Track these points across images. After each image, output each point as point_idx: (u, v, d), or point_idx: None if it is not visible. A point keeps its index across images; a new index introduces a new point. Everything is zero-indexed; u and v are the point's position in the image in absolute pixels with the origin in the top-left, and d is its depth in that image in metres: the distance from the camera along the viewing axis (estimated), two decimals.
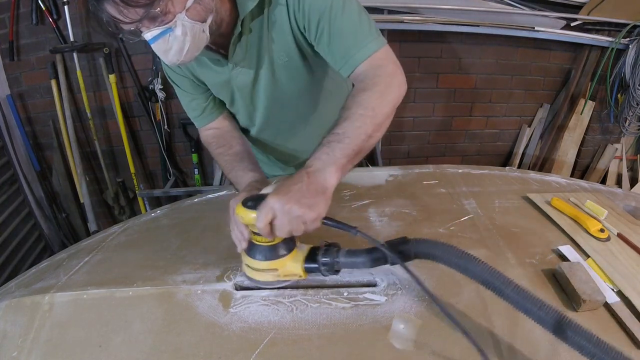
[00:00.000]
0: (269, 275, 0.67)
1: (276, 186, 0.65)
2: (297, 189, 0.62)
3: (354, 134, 0.70)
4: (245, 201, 0.66)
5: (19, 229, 2.18)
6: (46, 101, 2.28)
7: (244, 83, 0.94)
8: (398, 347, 0.59)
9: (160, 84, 2.24)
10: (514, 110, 2.61)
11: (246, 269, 0.69)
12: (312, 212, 0.62)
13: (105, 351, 0.60)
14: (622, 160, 2.55)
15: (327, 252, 0.66)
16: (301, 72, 0.93)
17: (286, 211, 0.61)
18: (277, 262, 0.66)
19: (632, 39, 2.20)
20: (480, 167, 1.13)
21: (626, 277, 0.69)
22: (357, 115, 0.72)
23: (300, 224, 0.62)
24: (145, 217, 1.02)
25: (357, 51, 0.79)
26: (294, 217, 0.61)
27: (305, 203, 0.61)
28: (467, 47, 2.38)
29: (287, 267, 0.67)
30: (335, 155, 0.67)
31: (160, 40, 0.72)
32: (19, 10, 2.09)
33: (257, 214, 0.62)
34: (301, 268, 0.66)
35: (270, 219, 0.61)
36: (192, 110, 1.03)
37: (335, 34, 0.80)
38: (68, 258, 0.85)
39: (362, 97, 0.74)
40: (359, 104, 0.73)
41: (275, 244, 0.66)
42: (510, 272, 0.72)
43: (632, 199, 1.01)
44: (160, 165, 2.51)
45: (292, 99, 0.99)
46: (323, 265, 0.66)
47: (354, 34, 0.80)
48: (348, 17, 0.79)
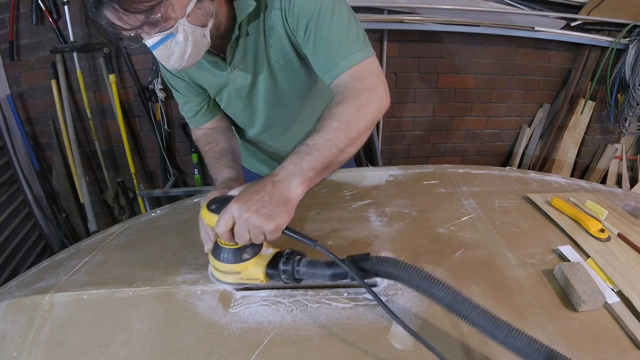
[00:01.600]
0: (232, 277, 0.68)
1: (240, 191, 0.65)
2: (259, 198, 0.62)
3: (325, 146, 0.68)
4: (210, 203, 0.67)
5: (19, 229, 2.18)
6: (46, 101, 2.28)
7: (241, 85, 0.94)
8: (398, 347, 0.59)
9: (160, 84, 2.24)
10: (514, 110, 2.61)
11: (212, 269, 0.71)
12: (270, 223, 0.61)
13: (105, 351, 0.60)
14: (622, 160, 2.55)
15: (288, 260, 0.65)
16: (299, 74, 0.93)
17: (244, 220, 0.60)
18: (239, 266, 0.67)
19: (632, 39, 2.20)
20: (480, 167, 1.13)
21: (626, 277, 0.69)
22: (330, 127, 0.70)
23: (259, 233, 0.62)
24: (145, 217, 1.02)
25: (340, 59, 0.78)
26: (252, 227, 0.61)
27: (264, 213, 0.61)
28: (467, 47, 2.38)
29: (249, 271, 0.67)
30: (303, 166, 0.66)
31: (161, 47, 0.72)
32: (19, 10, 2.09)
33: (218, 219, 0.62)
34: (262, 273, 0.66)
35: (230, 225, 0.62)
36: (186, 112, 1.04)
37: (321, 39, 0.78)
38: (68, 258, 0.85)
39: (337, 109, 0.72)
40: (334, 117, 0.71)
41: (239, 247, 0.66)
42: (510, 272, 0.72)
43: (632, 199, 1.01)
44: (160, 165, 2.51)
45: (290, 100, 1.00)
46: (283, 273, 0.65)
47: (339, 41, 0.78)
48: (336, 23, 0.78)
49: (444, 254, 0.77)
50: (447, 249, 0.79)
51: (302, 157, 0.67)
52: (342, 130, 0.70)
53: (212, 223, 0.64)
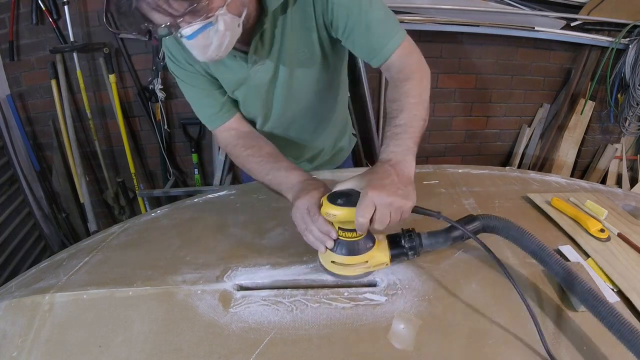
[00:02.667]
0: (360, 268, 0.69)
1: (366, 180, 0.66)
2: (391, 182, 0.65)
3: (414, 121, 0.76)
4: (331, 199, 0.66)
5: (19, 229, 2.18)
6: (46, 101, 2.28)
7: (262, 80, 0.93)
8: (398, 347, 0.59)
9: (160, 84, 2.24)
10: (514, 110, 2.61)
11: (332, 267, 0.70)
12: (409, 201, 0.65)
13: (105, 351, 0.60)
14: (622, 160, 2.55)
15: (411, 237, 0.70)
16: (319, 69, 0.94)
17: (388, 204, 0.63)
18: (367, 255, 0.69)
19: (632, 39, 2.20)
20: (480, 167, 1.13)
21: (626, 277, 0.69)
22: (410, 104, 0.77)
23: (399, 214, 0.65)
24: (145, 217, 1.02)
25: (387, 42, 0.85)
26: (394, 209, 0.64)
27: (402, 194, 0.64)
28: (467, 47, 2.38)
29: (376, 258, 0.69)
30: (408, 144, 0.73)
31: (200, 36, 0.71)
32: (19, 10, 2.09)
33: (359, 209, 0.62)
34: (388, 256, 0.70)
35: (372, 213, 0.63)
36: (209, 108, 0.98)
37: (366, 26, 0.83)
38: (68, 258, 0.85)
39: (407, 87, 0.80)
40: (408, 94, 0.79)
41: (362, 238, 0.68)
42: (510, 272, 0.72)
43: (632, 199, 1.01)
44: (160, 165, 2.51)
45: (307, 95, 1.00)
46: (409, 250, 0.69)
47: (383, 26, 0.85)
48: (376, 9, 0.84)
49: (444, 254, 0.77)
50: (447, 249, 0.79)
51: (402, 137, 0.73)
52: (419, 103, 0.79)
53: (346, 216, 0.64)
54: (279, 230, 0.87)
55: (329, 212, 0.65)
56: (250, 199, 1.03)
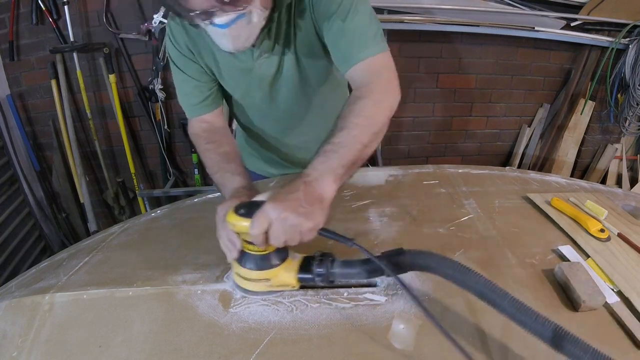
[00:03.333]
0: (261, 285, 0.66)
1: (271, 194, 0.64)
2: (294, 198, 0.61)
3: (350, 143, 0.69)
4: (237, 208, 0.64)
5: (19, 229, 2.18)
6: (46, 101, 2.28)
7: (266, 73, 0.94)
8: (398, 347, 0.59)
9: (160, 84, 2.24)
10: (514, 110, 2.61)
11: (237, 278, 0.68)
12: (308, 222, 0.60)
13: (105, 351, 0.60)
14: (622, 160, 2.55)
15: (322, 262, 0.64)
16: (321, 63, 0.95)
17: (282, 219, 0.59)
18: (269, 272, 0.65)
19: (632, 39, 2.20)
20: (480, 167, 1.13)
21: (626, 277, 0.69)
22: (353, 124, 0.71)
23: (296, 233, 0.61)
24: (145, 217, 1.02)
25: (359, 51, 0.81)
26: (289, 226, 0.60)
27: (302, 212, 0.60)
28: (467, 47, 2.38)
29: (280, 277, 0.66)
30: (332, 164, 0.66)
31: (234, 26, 0.73)
32: (19, 10, 2.09)
33: (252, 221, 0.60)
34: (294, 278, 0.65)
35: (265, 227, 0.60)
36: (193, 97, 0.98)
37: (343, 30, 0.81)
38: (68, 258, 0.85)
39: (358, 105, 0.74)
40: (356, 113, 0.73)
41: (267, 254, 0.65)
42: (510, 272, 0.72)
43: (632, 199, 1.01)
44: (160, 165, 2.51)
45: (308, 91, 1.01)
46: (317, 276, 0.64)
47: (359, 34, 0.81)
48: (359, 18, 0.81)
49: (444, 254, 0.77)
50: (447, 249, 0.79)
51: (329, 156, 0.68)
52: (364, 125, 0.72)
53: (243, 227, 0.61)
54: None
55: (229, 221, 0.63)
56: None
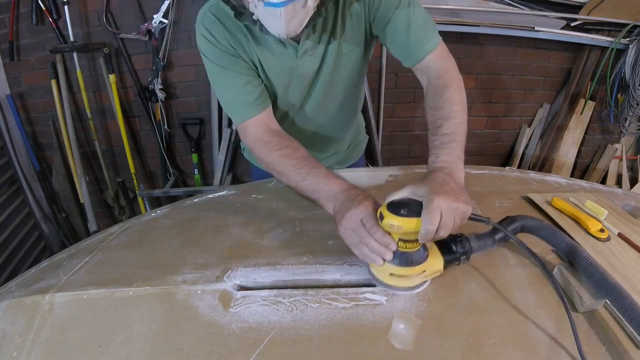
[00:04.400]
0: (418, 278, 0.67)
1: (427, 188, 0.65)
2: (452, 189, 0.65)
3: (460, 130, 0.77)
4: (392, 210, 0.63)
5: (19, 229, 2.18)
6: (46, 101, 2.28)
7: (308, 71, 0.94)
8: (398, 347, 0.59)
9: (160, 84, 2.24)
10: (514, 110, 2.61)
11: (390, 279, 0.67)
12: (470, 207, 0.65)
13: (105, 351, 0.60)
14: (622, 160, 2.55)
15: (462, 242, 0.70)
16: (359, 62, 0.97)
17: (453, 209, 0.63)
18: (426, 264, 0.67)
19: (632, 39, 2.20)
20: (480, 167, 1.13)
21: (626, 277, 0.69)
22: (454, 112, 0.79)
23: (462, 219, 0.65)
24: (145, 217, 1.02)
25: (425, 42, 0.87)
26: (459, 214, 0.64)
27: (463, 200, 0.65)
28: (467, 47, 2.38)
29: (432, 266, 0.68)
30: (457, 153, 0.74)
31: (290, 6, 0.72)
32: (19, 10, 2.09)
33: (427, 217, 0.61)
34: (442, 262, 0.69)
35: (439, 219, 0.62)
36: (245, 95, 0.91)
37: (407, 24, 0.86)
38: (68, 258, 0.85)
39: (448, 94, 0.81)
40: (451, 102, 0.80)
41: (419, 248, 0.67)
42: (510, 272, 0.72)
43: (632, 199, 1.01)
44: (160, 165, 2.51)
45: (345, 86, 1.03)
46: (462, 255, 0.70)
47: (423, 27, 0.87)
48: (418, 10, 0.87)
49: None
50: None
51: (451, 146, 0.74)
52: (462, 111, 0.80)
53: (413, 226, 0.62)
54: (279, 231, 0.87)
55: (393, 224, 0.62)
56: (250, 199, 1.03)
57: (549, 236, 0.72)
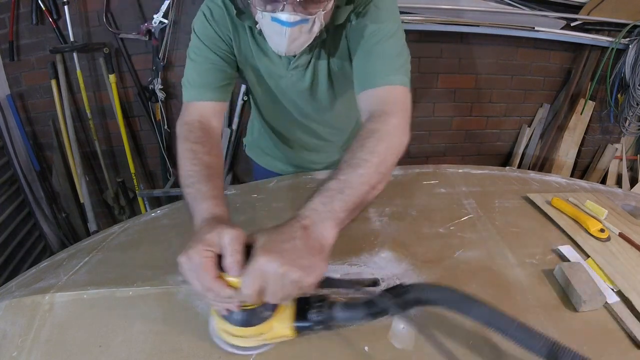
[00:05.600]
0: (253, 340, 0.58)
1: (263, 241, 0.53)
2: (292, 248, 0.52)
3: (357, 183, 0.62)
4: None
5: (19, 229, 2.17)
6: (46, 101, 2.28)
7: (296, 84, 0.96)
8: (398, 347, 0.59)
9: (160, 84, 2.24)
10: (514, 110, 2.61)
11: (224, 335, 0.59)
12: (310, 276, 0.52)
13: (105, 351, 0.60)
14: (622, 160, 2.55)
15: (320, 308, 0.57)
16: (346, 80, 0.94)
17: (280, 276, 0.50)
18: (262, 326, 0.57)
19: (632, 39, 2.20)
20: (480, 167, 1.13)
21: (626, 277, 0.69)
22: (363, 161, 0.64)
23: (296, 289, 0.52)
24: (145, 217, 1.02)
25: (382, 75, 0.79)
26: (289, 283, 0.51)
27: (302, 265, 0.51)
28: (467, 47, 2.37)
29: (275, 330, 0.57)
30: (334, 207, 0.58)
31: (296, 27, 0.73)
32: (19, 10, 2.09)
33: (244, 280, 0.51)
34: (290, 328, 0.58)
35: (260, 286, 0.51)
36: (214, 79, 0.87)
37: (373, 51, 0.81)
38: (68, 258, 0.85)
39: (371, 142, 0.67)
40: (367, 150, 0.66)
41: (255, 308, 0.56)
42: (510, 272, 0.72)
43: (632, 199, 1.01)
44: (160, 165, 2.51)
45: (340, 100, 1.03)
46: (317, 324, 0.57)
47: (388, 60, 0.81)
48: (393, 44, 0.82)
49: (444, 254, 0.77)
50: (447, 249, 0.79)
51: (333, 196, 0.59)
52: (374, 164, 0.65)
53: (234, 284, 0.52)
54: None
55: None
56: (250, 199, 1.03)
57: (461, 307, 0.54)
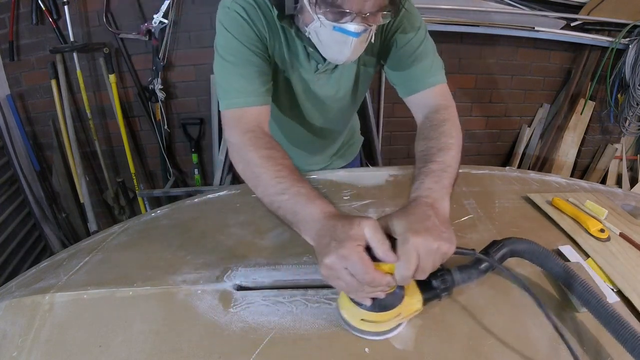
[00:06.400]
0: (394, 321, 0.60)
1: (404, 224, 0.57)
2: (432, 225, 0.57)
3: (453, 162, 0.73)
4: None
5: (19, 229, 2.18)
6: (46, 101, 2.28)
7: (321, 89, 0.97)
8: (398, 347, 0.59)
9: (160, 84, 2.24)
10: (514, 110, 2.61)
11: (362, 324, 0.60)
12: (453, 245, 0.57)
13: (105, 351, 0.60)
14: (622, 160, 2.55)
15: (443, 276, 0.62)
16: (370, 80, 1.00)
17: (433, 250, 0.55)
18: (401, 306, 0.59)
19: (632, 39, 2.20)
20: (480, 167, 1.13)
21: (626, 277, 0.69)
22: (449, 144, 0.76)
23: (443, 259, 0.57)
24: (145, 217, 1.02)
25: (434, 75, 0.89)
26: (439, 255, 0.56)
27: (445, 237, 0.57)
28: (467, 47, 2.38)
29: (409, 306, 0.60)
30: (445, 184, 0.67)
31: (361, 37, 0.75)
32: (19, 10, 2.09)
33: (401, 261, 0.54)
34: (421, 301, 0.61)
35: (416, 265, 0.54)
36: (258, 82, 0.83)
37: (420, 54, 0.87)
38: (68, 258, 0.85)
39: (447, 127, 0.80)
40: (448, 134, 0.78)
41: (393, 290, 0.59)
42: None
43: (632, 199, 1.01)
44: (160, 165, 2.51)
45: (350, 102, 1.06)
46: (443, 291, 0.62)
47: (433, 61, 0.89)
48: (429, 45, 0.90)
49: None
50: None
51: (440, 175, 0.68)
52: (457, 146, 0.77)
53: (388, 268, 0.55)
54: (279, 230, 0.87)
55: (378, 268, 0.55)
56: (250, 199, 1.03)
57: (542, 260, 0.65)
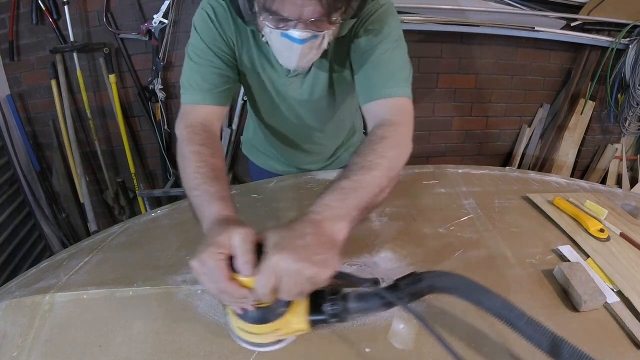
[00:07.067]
0: (271, 337, 0.58)
1: (275, 239, 0.53)
2: (305, 244, 0.52)
3: (370, 184, 0.63)
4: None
5: (19, 229, 2.17)
6: (46, 101, 2.28)
7: (295, 93, 0.96)
8: (398, 347, 0.59)
9: (160, 84, 2.24)
10: (514, 110, 2.61)
11: (241, 333, 0.59)
12: (325, 271, 0.51)
13: (105, 351, 0.60)
14: (622, 160, 2.55)
15: (334, 299, 0.58)
16: (350, 82, 0.93)
17: (295, 272, 0.50)
18: (279, 322, 0.57)
19: (632, 39, 2.20)
20: (480, 167, 1.13)
21: (626, 277, 0.69)
22: (375, 164, 0.65)
23: (311, 285, 0.52)
24: (145, 217, 1.02)
25: (390, 86, 0.80)
26: (303, 279, 0.51)
27: (316, 260, 0.51)
28: (467, 47, 2.37)
29: (290, 324, 0.58)
30: (350, 204, 0.59)
31: (307, 44, 0.72)
32: (19, 10, 2.09)
33: (258, 278, 0.51)
34: (306, 322, 0.58)
35: (274, 283, 0.51)
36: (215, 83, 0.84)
37: (380, 61, 0.81)
38: (68, 258, 0.85)
39: (382, 145, 0.69)
40: (379, 153, 0.67)
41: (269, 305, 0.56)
42: (510, 272, 0.72)
43: (632, 199, 1.01)
44: (160, 165, 2.51)
45: (331, 108, 1.03)
46: (332, 317, 0.58)
47: (395, 71, 0.81)
48: (398, 55, 0.82)
49: (443, 254, 0.77)
50: (447, 249, 0.79)
51: (346, 194, 0.60)
52: (385, 168, 0.66)
53: (248, 284, 0.52)
54: None
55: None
56: (250, 199, 1.03)
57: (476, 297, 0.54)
